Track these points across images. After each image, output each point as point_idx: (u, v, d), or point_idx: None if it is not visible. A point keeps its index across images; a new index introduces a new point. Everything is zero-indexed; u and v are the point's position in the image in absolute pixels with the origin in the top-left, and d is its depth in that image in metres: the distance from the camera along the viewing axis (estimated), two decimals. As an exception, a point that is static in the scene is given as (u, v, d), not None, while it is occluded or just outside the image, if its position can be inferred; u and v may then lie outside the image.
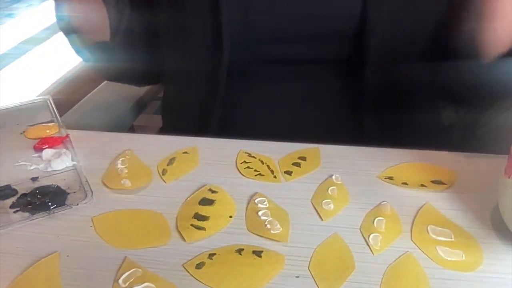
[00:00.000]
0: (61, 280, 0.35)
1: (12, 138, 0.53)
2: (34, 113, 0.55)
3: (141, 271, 0.35)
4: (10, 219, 0.41)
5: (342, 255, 0.37)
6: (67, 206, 0.42)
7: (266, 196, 0.44)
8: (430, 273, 0.35)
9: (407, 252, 0.37)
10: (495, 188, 0.42)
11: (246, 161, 0.48)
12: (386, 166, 0.48)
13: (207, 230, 0.40)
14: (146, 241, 0.39)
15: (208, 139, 0.52)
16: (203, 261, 0.36)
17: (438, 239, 0.39)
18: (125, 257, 0.37)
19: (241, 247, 0.38)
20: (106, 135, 0.55)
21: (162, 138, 0.55)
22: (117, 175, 0.46)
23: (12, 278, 0.35)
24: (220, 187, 0.45)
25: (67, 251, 0.38)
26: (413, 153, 0.49)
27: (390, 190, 0.44)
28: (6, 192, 0.44)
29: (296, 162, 0.48)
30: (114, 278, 0.35)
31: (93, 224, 0.40)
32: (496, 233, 0.39)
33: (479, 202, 0.42)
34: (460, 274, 0.35)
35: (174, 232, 0.40)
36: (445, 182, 0.45)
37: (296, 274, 0.35)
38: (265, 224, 0.40)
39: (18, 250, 0.38)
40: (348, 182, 0.45)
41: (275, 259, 0.37)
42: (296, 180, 0.46)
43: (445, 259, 0.37)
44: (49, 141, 0.51)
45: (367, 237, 0.39)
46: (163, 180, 0.46)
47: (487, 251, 0.37)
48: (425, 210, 0.42)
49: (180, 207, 0.42)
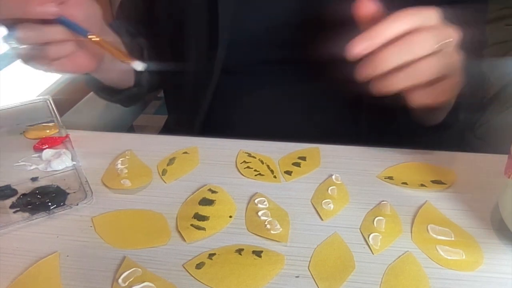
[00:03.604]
0: (61, 280, 0.35)
1: (12, 138, 0.53)
2: (34, 113, 0.55)
3: (141, 271, 0.35)
4: (10, 219, 0.41)
5: (342, 255, 0.37)
6: (67, 206, 0.42)
7: (266, 196, 0.44)
8: (430, 273, 0.35)
9: (407, 252, 0.37)
10: (495, 188, 0.42)
11: (246, 161, 0.48)
12: (386, 166, 0.48)
13: (207, 230, 0.40)
14: (146, 241, 0.39)
15: (208, 139, 0.52)
16: (203, 261, 0.36)
17: (438, 238, 0.39)
18: (125, 257, 0.37)
19: (241, 247, 0.38)
20: (106, 135, 0.55)
21: (162, 138, 0.55)
22: (117, 175, 0.46)
23: (12, 278, 0.35)
24: (220, 187, 0.45)
25: (67, 251, 0.38)
26: (413, 153, 0.49)
27: (390, 190, 0.44)
28: (6, 192, 0.44)
29: (296, 162, 0.48)
30: (114, 277, 0.35)
31: (93, 224, 0.40)
32: (496, 233, 0.39)
33: (479, 202, 0.42)
34: (460, 273, 0.35)
35: (174, 232, 0.40)
36: (445, 182, 0.45)
37: (296, 274, 0.35)
38: (265, 224, 0.40)
39: (18, 250, 0.38)
40: (348, 182, 0.45)
41: (275, 259, 0.37)
42: (296, 180, 0.46)
43: (445, 258, 0.37)
44: (49, 141, 0.51)
45: (367, 237, 0.39)
46: (163, 180, 0.46)
47: (487, 251, 0.37)
48: (425, 209, 0.42)
49: (180, 207, 0.42)
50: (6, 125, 0.54)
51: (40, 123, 0.54)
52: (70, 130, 0.53)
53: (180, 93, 0.66)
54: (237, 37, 0.59)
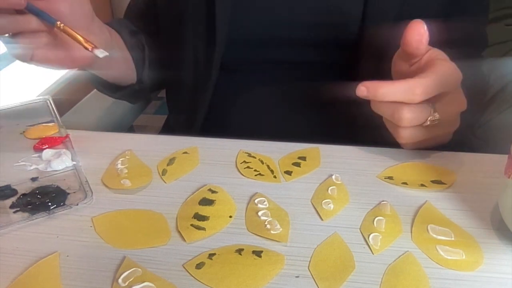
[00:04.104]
0: (61, 280, 0.35)
1: (12, 138, 0.52)
2: (34, 113, 0.55)
3: (141, 271, 0.35)
4: (10, 219, 0.41)
5: (342, 255, 0.37)
6: (67, 206, 0.42)
7: (266, 196, 0.44)
8: (430, 273, 0.35)
9: (407, 252, 0.37)
10: (495, 188, 0.42)
11: (246, 161, 0.48)
12: (386, 166, 0.48)
13: (207, 230, 0.40)
14: (146, 241, 0.39)
15: (208, 139, 0.52)
16: (203, 261, 0.36)
17: (438, 238, 0.39)
18: (125, 257, 0.37)
19: (241, 247, 0.38)
20: (106, 135, 0.55)
21: (162, 138, 0.55)
22: (117, 175, 0.46)
23: (12, 278, 0.35)
24: (220, 187, 0.45)
25: (67, 251, 0.38)
26: (413, 153, 0.49)
27: (390, 190, 0.44)
28: (6, 192, 0.44)
29: (296, 162, 0.48)
30: (114, 277, 0.35)
31: (93, 224, 0.40)
32: (496, 233, 0.39)
33: (479, 202, 0.42)
34: (460, 273, 0.35)
35: (174, 232, 0.40)
36: (445, 182, 0.45)
37: (296, 274, 0.35)
38: (265, 224, 0.40)
39: (18, 250, 0.38)
40: (348, 182, 0.45)
41: (275, 259, 0.37)
42: (296, 180, 0.46)
43: (445, 258, 0.37)
44: (49, 141, 0.51)
45: (367, 237, 0.39)
46: (163, 180, 0.46)
47: (487, 251, 0.37)
48: (425, 209, 0.42)
49: (180, 207, 0.42)
50: (6, 125, 0.54)
51: (40, 123, 0.54)
52: (70, 130, 0.53)
53: (180, 92, 0.66)
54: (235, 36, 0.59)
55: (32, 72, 1.15)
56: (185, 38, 0.62)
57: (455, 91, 0.45)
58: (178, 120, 0.70)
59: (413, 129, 0.45)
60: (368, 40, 0.57)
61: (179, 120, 0.70)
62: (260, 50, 0.62)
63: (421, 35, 0.44)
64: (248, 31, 0.60)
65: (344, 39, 0.59)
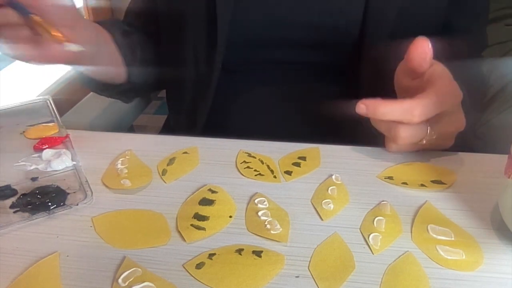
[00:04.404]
0: (61, 280, 0.35)
1: (12, 138, 0.52)
2: (34, 113, 0.55)
3: (141, 271, 0.35)
4: (10, 219, 0.41)
5: (342, 255, 0.37)
6: (67, 206, 0.42)
7: (266, 196, 0.44)
8: (430, 272, 0.35)
9: (407, 252, 0.37)
10: (495, 188, 0.42)
11: (246, 161, 0.48)
12: (386, 166, 0.48)
13: (207, 230, 0.40)
14: (146, 241, 0.39)
15: (208, 139, 0.52)
16: (203, 261, 0.36)
17: (438, 238, 0.39)
18: (125, 257, 0.37)
19: (241, 247, 0.38)
20: (106, 135, 0.55)
21: (162, 138, 0.55)
22: (117, 175, 0.46)
23: (12, 278, 0.35)
24: (220, 187, 0.45)
25: (67, 251, 0.38)
26: (413, 153, 0.49)
27: (390, 190, 0.44)
28: (6, 192, 0.44)
29: (296, 162, 0.48)
30: (114, 277, 0.35)
31: (93, 224, 0.40)
32: (496, 233, 0.39)
33: (479, 202, 0.42)
34: (460, 274, 0.35)
35: (174, 232, 0.40)
36: (445, 182, 0.45)
37: (296, 274, 0.35)
38: (265, 224, 0.40)
39: (18, 250, 0.38)
40: (348, 182, 0.45)
41: (275, 259, 0.37)
42: (296, 180, 0.46)
43: (445, 258, 0.37)
44: (49, 141, 0.51)
45: (367, 237, 0.39)
46: (163, 180, 0.46)
47: (487, 251, 0.37)
48: (425, 209, 0.42)
49: (180, 207, 0.42)
50: (6, 125, 0.54)
51: (40, 123, 0.54)
52: (70, 130, 0.53)
53: (180, 92, 0.66)
54: (236, 36, 0.59)
55: (32, 72, 1.15)
56: (186, 39, 0.62)
57: (455, 111, 0.46)
58: (178, 120, 0.70)
59: (407, 145, 0.46)
60: (368, 41, 0.58)
61: (179, 120, 0.70)
62: (260, 51, 0.62)
63: (425, 54, 0.44)
64: (248, 32, 0.60)
65: (344, 40, 0.60)
